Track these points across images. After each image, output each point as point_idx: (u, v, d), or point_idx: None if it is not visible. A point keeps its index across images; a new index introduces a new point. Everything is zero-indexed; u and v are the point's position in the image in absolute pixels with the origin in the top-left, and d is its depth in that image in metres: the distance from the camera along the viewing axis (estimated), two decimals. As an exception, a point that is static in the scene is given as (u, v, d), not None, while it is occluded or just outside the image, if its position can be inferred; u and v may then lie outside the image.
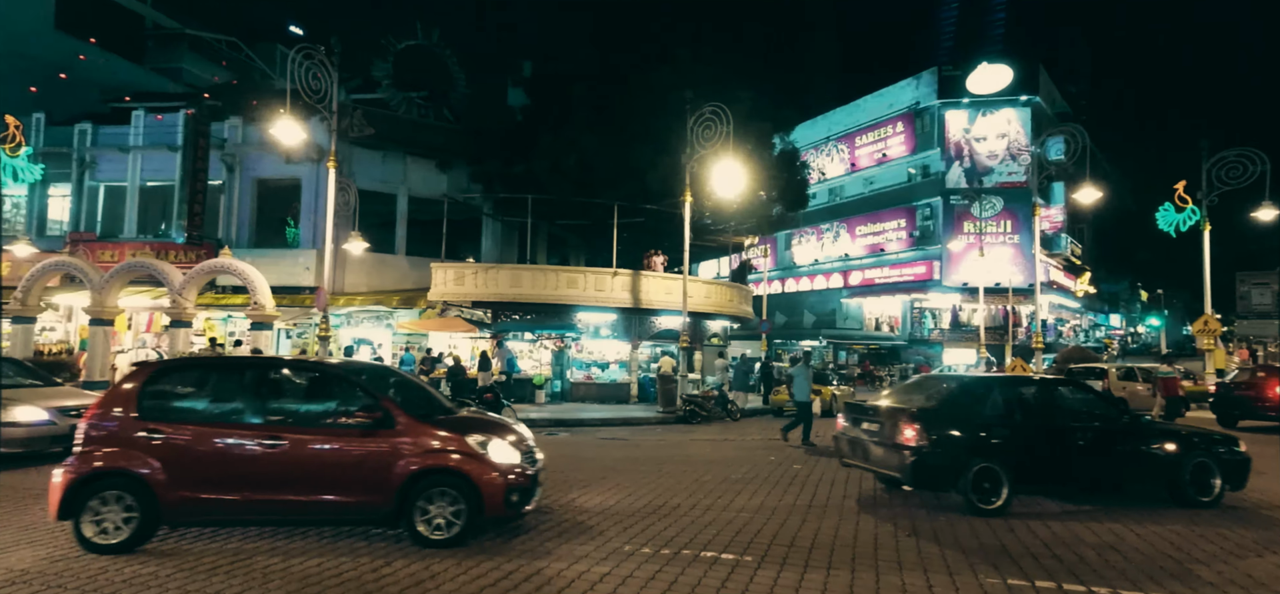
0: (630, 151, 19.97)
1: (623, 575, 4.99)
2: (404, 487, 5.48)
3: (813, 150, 43.60)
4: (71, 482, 5.32)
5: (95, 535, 5.32)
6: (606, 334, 21.14)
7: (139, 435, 5.48)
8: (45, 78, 27.27)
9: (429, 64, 25.02)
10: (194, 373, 6.57)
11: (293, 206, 22.16)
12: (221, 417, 5.80)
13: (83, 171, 22.74)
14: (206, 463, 5.49)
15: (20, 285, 17.94)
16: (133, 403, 5.62)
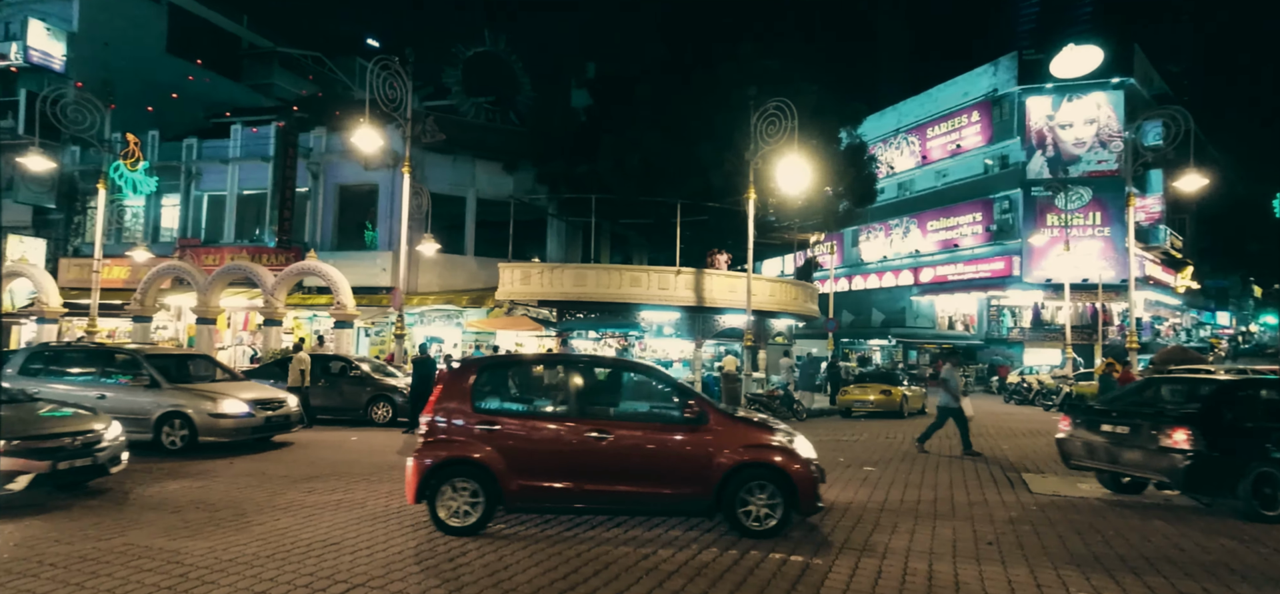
0: (693, 149, 19.88)
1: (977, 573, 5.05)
2: (723, 479, 5.70)
3: (881, 144, 42.15)
4: (425, 469, 5.70)
5: (448, 518, 5.72)
6: (670, 333, 21.14)
7: (478, 428, 5.83)
8: (159, 98, 29.66)
9: (496, 70, 25.72)
10: (515, 369, 6.94)
11: (371, 211, 23.27)
12: (549, 410, 6.14)
13: (190, 182, 24.61)
14: (542, 453, 5.80)
15: (139, 287, 19.62)
16: (468, 397, 5.94)
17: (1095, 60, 35.04)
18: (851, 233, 43.41)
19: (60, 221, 26.55)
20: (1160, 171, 34.24)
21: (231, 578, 4.67)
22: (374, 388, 13.87)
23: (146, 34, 32.39)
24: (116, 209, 25.00)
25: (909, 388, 19.52)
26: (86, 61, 29.15)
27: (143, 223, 25.42)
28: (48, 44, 28.61)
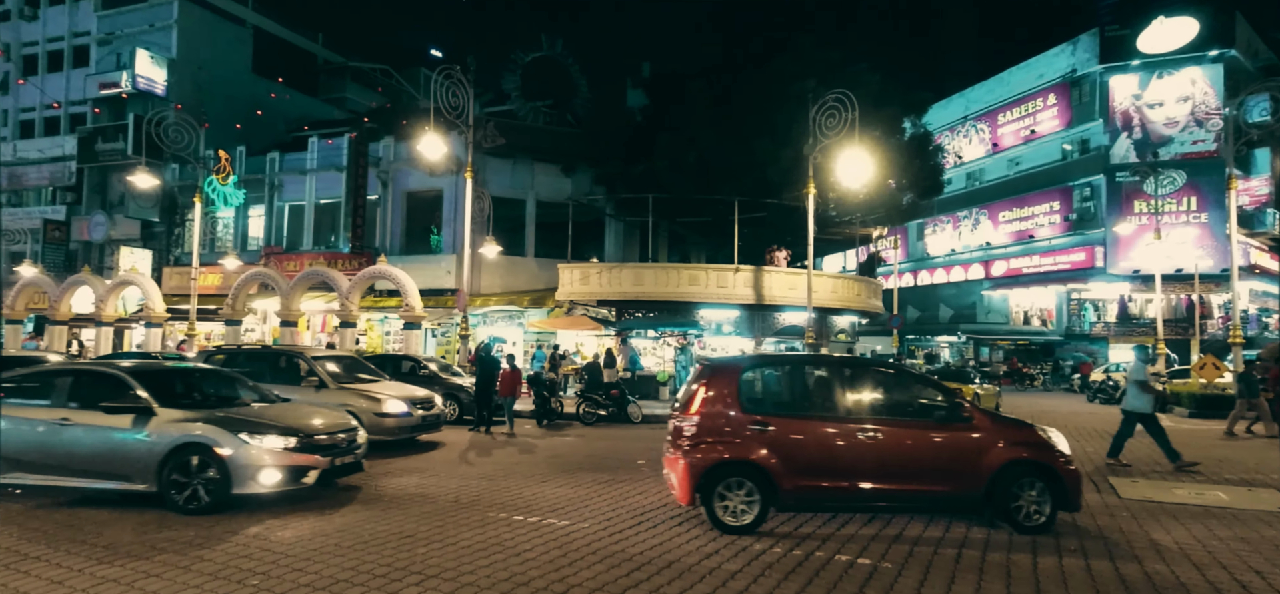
0: (750, 146, 19.69)
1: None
2: (994, 476, 5.82)
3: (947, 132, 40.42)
4: (701, 470, 5.82)
5: (725, 516, 5.83)
6: (729, 331, 21.01)
7: (750, 428, 5.93)
8: (245, 115, 31.86)
9: (553, 73, 26.23)
10: (776, 369, 7.05)
11: (436, 215, 24.18)
12: (817, 410, 6.19)
13: (272, 194, 26.28)
14: (814, 453, 5.90)
15: (230, 293, 21.09)
16: (735, 398, 6.04)
17: (1189, 32, 32.45)
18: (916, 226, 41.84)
19: (163, 233, 28.85)
20: (1267, 150, 31.38)
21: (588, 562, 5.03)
22: (443, 387, 14.42)
23: (235, 56, 34.80)
24: (210, 220, 26.95)
25: (981, 386, 18.70)
26: (184, 85, 31.57)
27: (232, 232, 27.32)
28: (152, 71, 31.12)
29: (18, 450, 6.41)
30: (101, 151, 30.33)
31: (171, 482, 6.17)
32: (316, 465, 6.51)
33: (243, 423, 6.43)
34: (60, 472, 6.41)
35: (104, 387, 6.65)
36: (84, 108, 32.79)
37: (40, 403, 6.65)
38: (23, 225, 31.95)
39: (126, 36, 32.39)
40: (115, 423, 6.34)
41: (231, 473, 6.13)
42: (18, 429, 6.50)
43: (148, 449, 6.24)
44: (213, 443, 6.18)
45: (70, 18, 34.24)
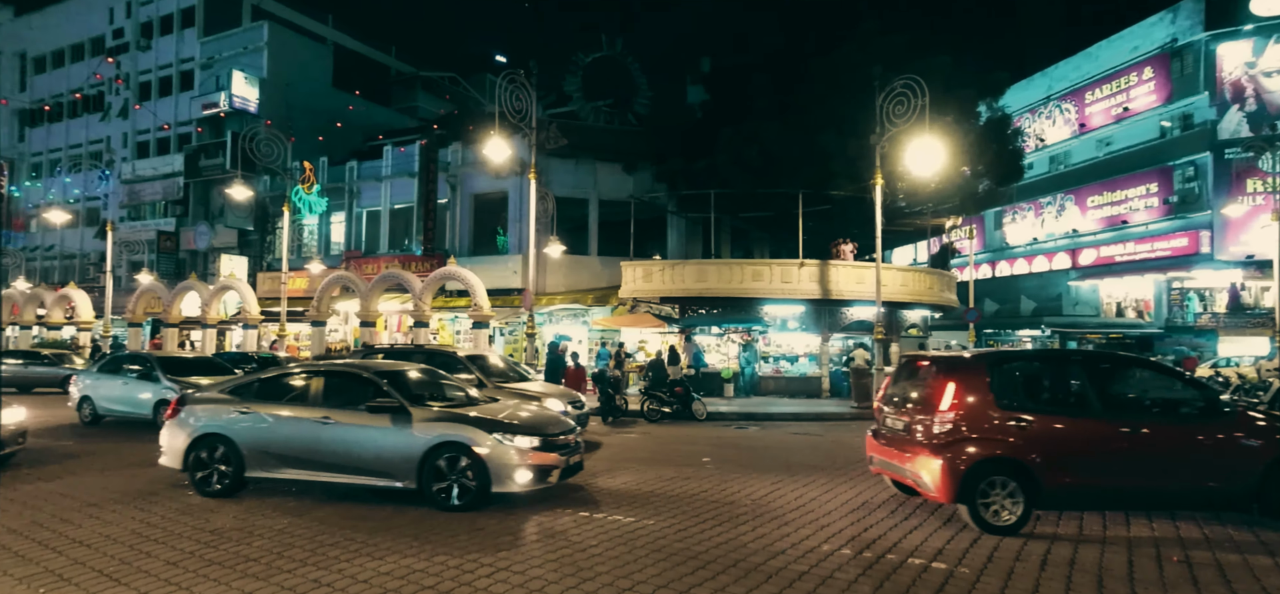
0: (814, 137, 19.25)
1: None
2: (1265, 471, 5.78)
3: (1028, 114, 38.11)
4: (963, 469, 5.75)
5: (989, 517, 5.79)
6: (794, 327, 20.64)
7: (1009, 426, 5.84)
8: (326, 127, 33.90)
9: (614, 73, 26.50)
10: (1027, 366, 7.00)
11: (502, 217, 24.93)
12: (1077, 406, 6.15)
13: (351, 200, 27.83)
14: (1077, 451, 5.83)
15: (315, 296, 22.50)
16: (989, 396, 5.96)
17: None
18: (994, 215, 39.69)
19: (257, 241, 31.09)
20: None
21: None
22: None
23: (317, 72, 37.05)
24: (297, 227, 28.81)
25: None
26: (273, 102, 33.88)
27: (317, 238, 29.11)
28: (246, 90, 33.56)
29: (285, 448, 6.81)
30: (204, 167, 32.98)
31: (432, 479, 6.40)
32: (557, 465, 6.65)
33: (493, 423, 6.58)
34: (324, 468, 6.71)
35: (356, 387, 7.00)
36: (189, 128, 35.72)
37: (297, 403, 7.01)
38: (140, 237, 35.15)
39: (224, 60, 35.05)
40: (375, 422, 6.60)
41: (490, 472, 6.30)
42: (283, 428, 6.86)
43: (408, 448, 6.47)
44: (471, 442, 6.36)
45: (177, 46, 37.37)
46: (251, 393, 7.24)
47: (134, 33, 38.89)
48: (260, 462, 6.85)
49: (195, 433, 7.00)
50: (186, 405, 7.26)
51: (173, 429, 7.16)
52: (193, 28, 37.03)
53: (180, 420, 7.16)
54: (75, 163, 40.45)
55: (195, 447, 6.97)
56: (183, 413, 7.20)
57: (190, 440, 6.99)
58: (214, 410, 7.09)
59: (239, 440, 6.87)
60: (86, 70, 40.40)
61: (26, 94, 43.32)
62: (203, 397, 7.44)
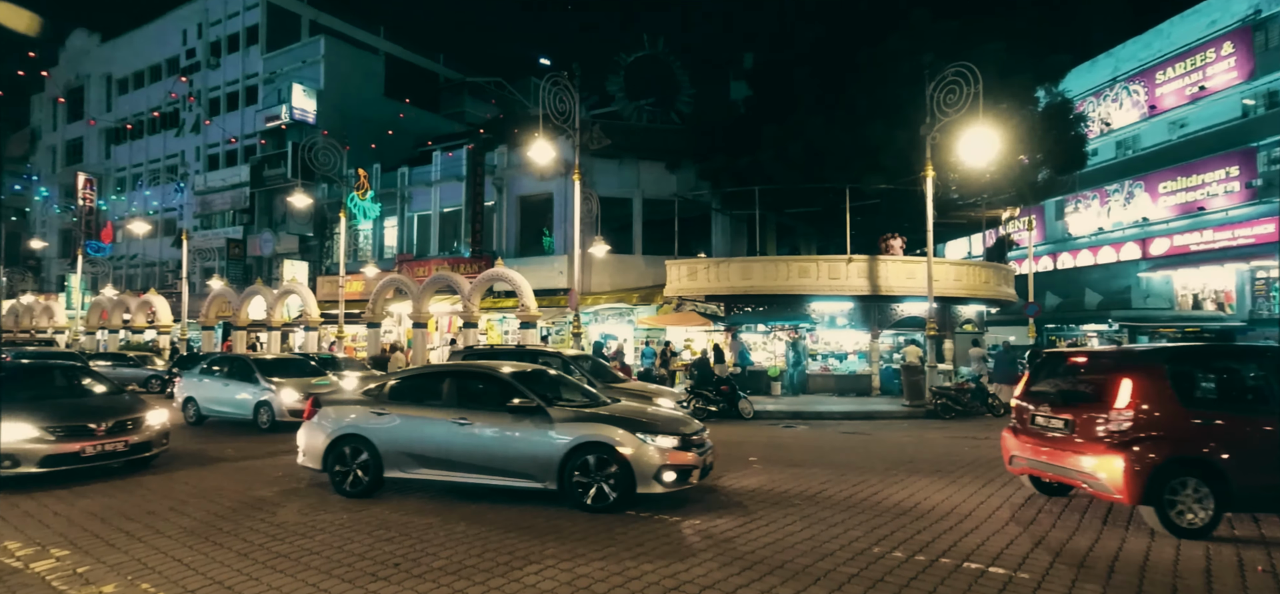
0: (860, 130, 18.84)
1: None
2: None
3: (1092, 98, 36.24)
4: (1150, 469, 5.54)
5: (1177, 519, 5.59)
6: (843, 323, 20.26)
7: (1194, 422, 5.71)
8: (378, 135, 35.18)
9: (656, 72, 26.55)
10: (1206, 361, 6.80)
11: (547, 218, 25.33)
12: (1262, 403, 5.97)
13: (403, 205, 28.78)
14: (1268, 448, 5.61)
15: (370, 299, 23.38)
16: (1170, 392, 5.80)
17: None
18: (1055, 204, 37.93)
19: (316, 246, 32.49)
20: None
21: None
22: None
23: (369, 82, 38.46)
24: (352, 233, 29.96)
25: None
26: (330, 112, 35.34)
27: (371, 243, 30.22)
28: (304, 102, 35.12)
29: (423, 449, 6.86)
30: (267, 177, 34.68)
31: (574, 480, 6.34)
32: (696, 465, 6.56)
33: (634, 422, 6.54)
34: (462, 469, 6.75)
35: (490, 388, 7.09)
36: (254, 140, 37.63)
37: (432, 405, 7.04)
38: (212, 245, 37.22)
39: (285, 74, 36.76)
40: (514, 423, 6.59)
41: (634, 473, 6.21)
42: (420, 430, 6.92)
43: (549, 448, 6.43)
44: (615, 442, 6.27)
45: (243, 62, 39.42)
46: (386, 395, 7.34)
47: (204, 52, 41.20)
48: (398, 462, 6.93)
49: (334, 434, 7.14)
50: (323, 407, 7.42)
51: (311, 430, 7.33)
52: (257, 45, 38.97)
53: (318, 422, 7.32)
54: (154, 176, 43.16)
55: (335, 447, 7.12)
56: (320, 415, 7.36)
57: (329, 441, 7.14)
58: (351, 412, 7.21)
59: (377, 441, 6.96)
60: (163, 90, 43.06)
61: (112, 114, 46.49)
62: (338, 399, 7.62)
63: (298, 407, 11.85)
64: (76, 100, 48.87)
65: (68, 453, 7.60)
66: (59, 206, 47.81)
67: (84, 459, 7.72)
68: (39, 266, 48.72)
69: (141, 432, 8.25)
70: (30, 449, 7.42)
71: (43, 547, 5.41)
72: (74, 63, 49.27)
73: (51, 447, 7.51)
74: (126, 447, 8.08)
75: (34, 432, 7.50)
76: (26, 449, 7.40)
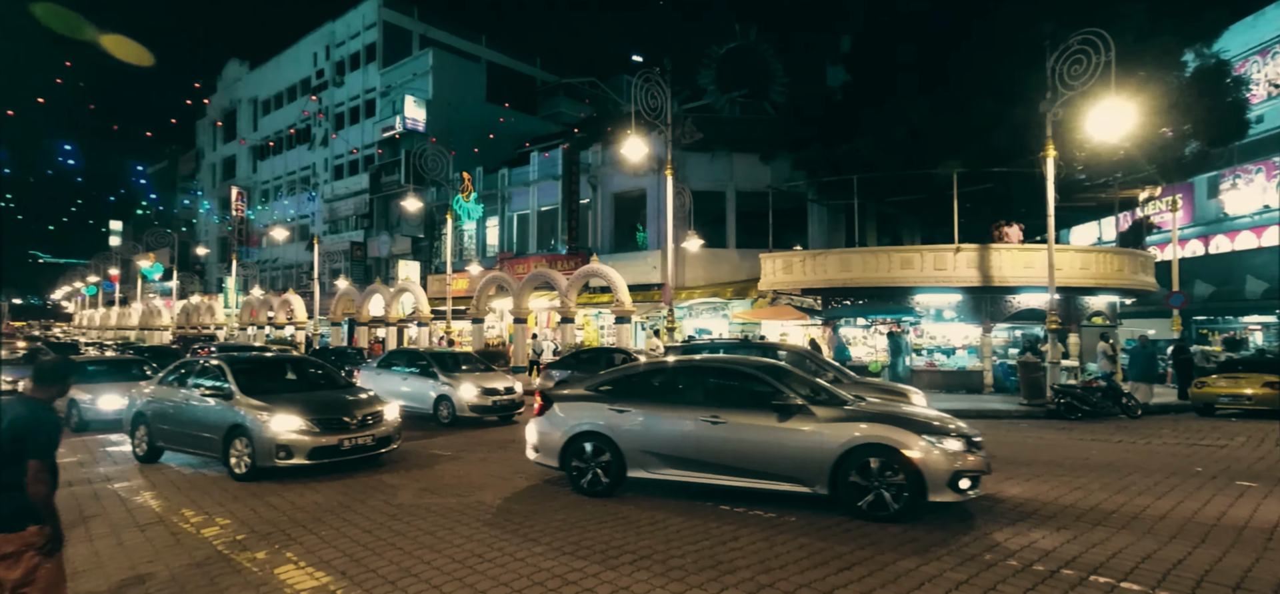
0: (970, 110, 17.60)
1: None
2: None
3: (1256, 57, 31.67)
4: None
5: None
6: (951, 316, 19.09)
7: None
8: (480, 139, 37.13)
9: (748, 62, 26.15)
10: None
11: (640, 214, 25.66)
12: None
13: (503, 206, 30.21)
14: None
15: (474, 295, 24.77)
16: None
17: None
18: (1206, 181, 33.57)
19: (426, 246, 34.82)
20: None
21: None
22: None
23: (472, 89, 40.61)
24: (458, 233, 31.83)
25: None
26: (437, 120, 37.68)
27: (475, 242, 31.95)
28: (416, 112, 37.68)
29: (671, 448, 6.56)
30: (384, 183, 37.54)
31: (849, 485, 5.87)
32: (982, 469, 5.90)
33: (919, 423, 6.02)
34: (714, 469, 6.39)
35: (741, 384, 6.69)
36: (372, 150, 40.85)
37: (678, 402, 6.73)
38: (338, 248, 40.86)
39: (398, 87, 39.61)
40: (778, 423, 6.17)
41: (925, 478, 5.66)
42: (667, 427, 6.60)
43: (819, 450, 5.97)
44: (900, 444, 5.75)
45: (363, 79, 42.89)
46: (621, 391, 7.06)
47: (331, 72, 45.20)
48: (642, 461, 6.66)
49: (570, 431, 6.97)
50: (556, 404, 7.23)
51: (544, 427, 7.18)
52: (374, 62, 42.23)
53: (551, 419, 7.15)
54: (291, 187, 48.03)
55: (572, 444, 6.95)
56: (552, 412, 7.19)
57: (566, 439, 6.97)
58: (586, 410, 7.01)
59: (619, 439, 6.73)
60: (298, 108, 47.75)
61: (258, 133, 52.18)
62: (571, 394, 7.37)
63: (478, 403, 12.32)
64: (230, 122, 55.25)
65: (330, 446, 7.79)
66: (217, 217, 54.29)
67: (342, 452, 7.90)
68: (203, 270, 55.60)
69: (384, 425, 8.42)
70: (301, 441, 7.65)
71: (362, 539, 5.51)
72: (228, 89, 55.72)
73: (316, 439, 7.72)
74: (373, 441, 8.19)
75: (302, 423, 7.73)
76: (299, 441, 7.64)
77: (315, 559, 5.07)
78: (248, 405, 7.95)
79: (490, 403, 12.53)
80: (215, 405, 8.24)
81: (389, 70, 41.08)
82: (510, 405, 12.95)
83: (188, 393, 8.73)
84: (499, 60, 45.63)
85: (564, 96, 44.79)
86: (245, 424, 7.78)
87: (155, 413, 8.97)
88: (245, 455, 7.77)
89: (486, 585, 4.54)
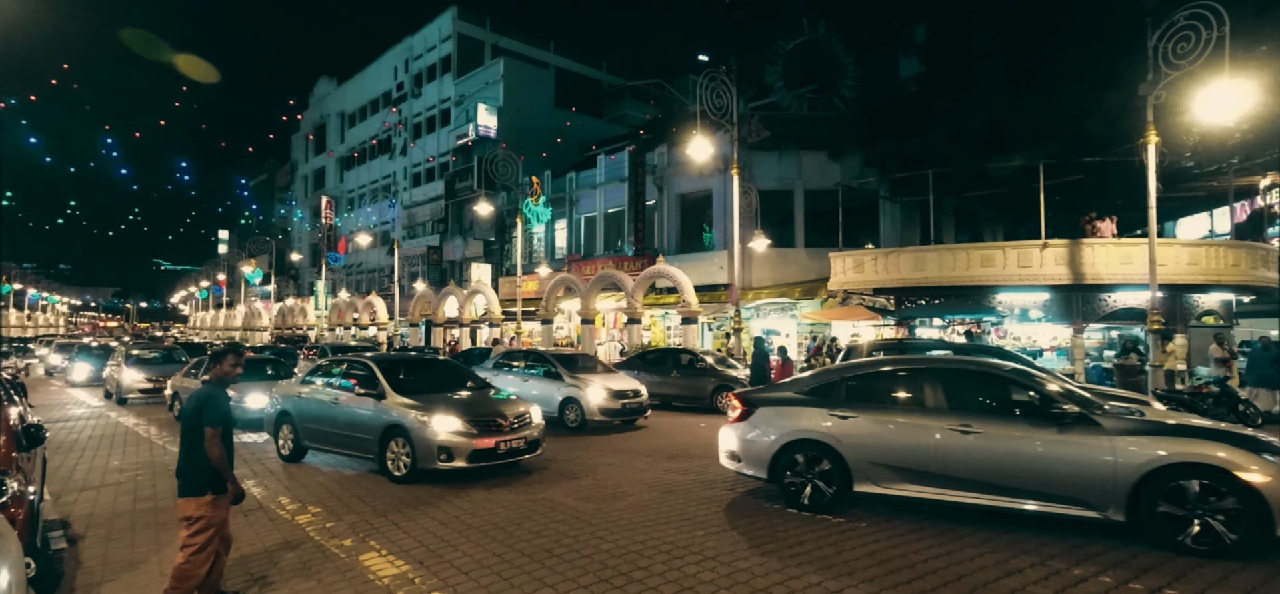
0: (1058, 97, 16.54)
1: None
2: None
3: (1404, 23, 28.04)
4: None
5: None
6: (1037, 316, 17.97)
7: None
8: (548, 143, 38.03)
9: (817, 56, 25.55)
10: None
11: (706, 214, 25.54)
12: None
13: (571, 208, 30.80)
14: None
15: (543, 297, 25.38)
16: None
17: None
18: (1347, 164, 29.97)
19: (496, 250, 35.98)
20: None
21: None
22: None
23: (541, 95, 41.65)
24: (527, 236, 32.70)
25: None
26: (507, 127, 38.88)
27: (543, 245, 32.73)
28: (488, 119, 39.05)
29: (908, 461, 5.83)
30: (458, 189, 39.07)
31: (1160, 512, 5.02)
32: None
33: (1237, 437, 5.18)
34: (962, 486, 5.63)
35: (991, 389, 5.96)
36: (447, 157, 42.61)
37: (912, 409, 6.00)
38: (415, 252, 42.86)
39: (472, 96, 41.15)
40: (1046, 432, 5.39)
41: (1273, 509, 4.76)
42: (903, 437, 5.88)
43: (1110, 467, 5.14)
44: (1231, 465, 4.86)
45: (439, 89, 44.84)
46: (839, 395, 6.37)
47: (410, 84, 47.51)
48: (871, 474, 5.98)
49: (783, 438, 6.34)
50: (760, 409, 6.64)
51: (747, 433, 6.59)
52: (449, 73, 44.06)
53: (757, 425, 6.55)
54: (373, 195, 50.82)
55: (784, 453, 6.33)
56: (758, 417, 6.59)
57: (778, 447, 6.35)
58: (802, 415, 6.34)
59: (845, 449, 6.06)
60: (379, 120, 50.48)
61: (344, 144, 55.54)
62: (777, 398, 6.72)
63: (608, 406, 11.57)
64: (320, 136, 59.06)
65: (487, 449, 7.54)
66: (309, 225, 58.13)
67: (498, 456, 7.65)
68: (297, 275, 59.69)
69: (532, 428, 8.14)
70: (461, 444, 7.41)
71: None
72: (319, 105, 59.61)
73: (473, 441, 7.46)
74: (525, 445, 7.95)
75: (460, 425, 7.49)
76: (458, 444, 7.40)
77: (571, 584, 4.59)
78: (402, 406, 7.72)
79: (619, 406, 11.74)
80: (370, 406, 8.01)
81: (463, 80, 42.72)
82: (638, 409, 12.15)
83: (335, 393, 8.56)
84: (566, 65, 46.57)
85: (630, 99, 45.21)
86: (404, 425, 7.55)
87: (301, 412, 8.83)
88: (403, 457, 7.54)
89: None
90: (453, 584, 4.62)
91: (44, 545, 5.13)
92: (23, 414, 6.20)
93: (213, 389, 4.18)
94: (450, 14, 43.93)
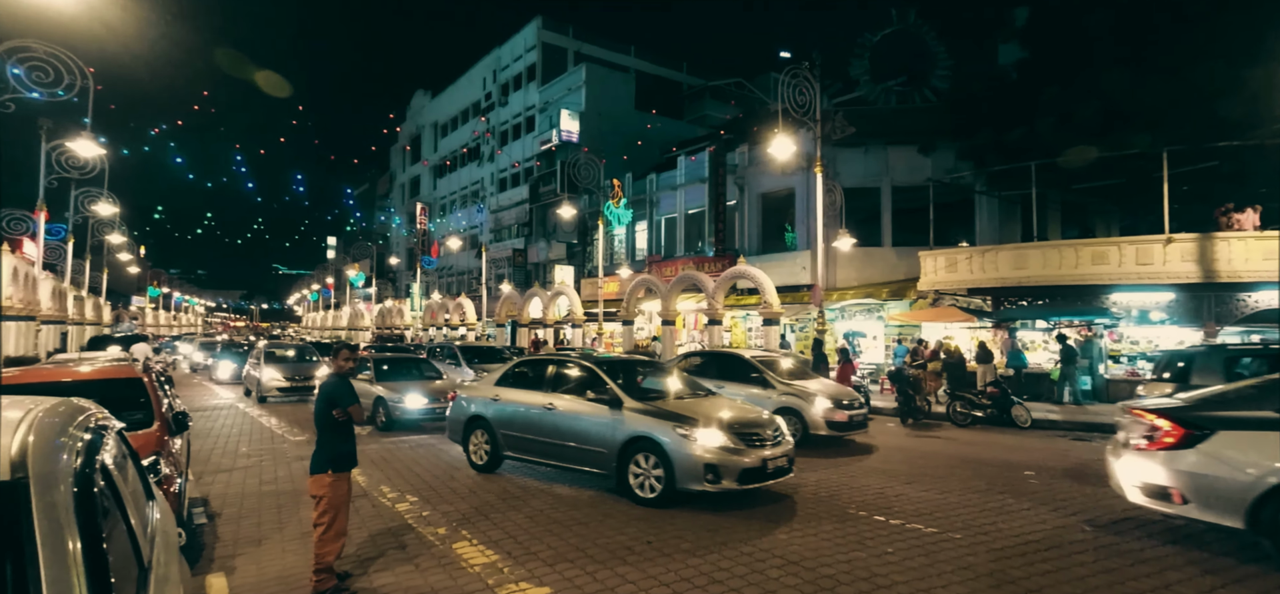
0: (1186, 75, 15.00)
1: None
2: None
3: None
4: None
5: None
6: (1159, 318, 16.38)
7: None
8: (629, 146, 38.53)
9: (906, 47, 24.45)
10: None
11: (789, 213, 25.02)
12: None
13: (651, 210, 31.05)
14: None
15: (624, 298, 25.74)
16: None
17: None
18: None
19: (579, 252, 36.81)
20: None
21: None
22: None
23: (621, 98, 42.27)
24: (609, 238, 33.23)
25: None
26: (589, 131, 39.73)
27: (624, 246, 33.16)
28: (570, 124, 40.08)
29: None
30: (541, 193, 40.31)
31: None
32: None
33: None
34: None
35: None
36: (531, 163, 44.07)
37: None
38: (501, 255, 44.60)
39: (555, 102, 42.38)
40: None
41: None
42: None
43: None
44: None
45: (524, 97, 46.49)
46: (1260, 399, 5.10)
47: (497, 94, 49.54)
48: None
49: (1269, 478, 4.71)
50: (1220, 432, 5.03)
51: (1197, 466, 5.01)
52: (534, 81, 45.56)
53: (1218, 456, 4.96)
54: (463, 201, 53.34)
55: (1270, 499, 4.68)
56: (1216, 445, 5.01)
57: (1265, 490, 4.71)
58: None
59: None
60: (469, 130, 52.95)
61: (437, 154, 58.71)
62: (1245, 419, 5.10)
63: (835, 418, 9.99)
64: (416, 146, 62.71)
65: (755, 468, 6.41)
66: (406, 230, 61.84)
67: (766, 474, 6.52)
68: (395, 278, 63.66)
69: (786, 442, 6.99)
70: (729, 462, 6.31)
71: None
72: (414, 117, 63.32)
73: (740, 459, 6.36)
74: (787, 462, 6.82)
75: (725, 440, 6.41)
76: (727, 462, 6.31)
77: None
78: (645, 415, 6.71)
79: (846, 418, 10.14)
80: (603, 415, 6.98)
81: (546, 87, 44.05)
82: (863, 421, 10.66)
83: (550, 398, 7.57)
84: (647, 68, 46.98)
85: (710, 99, 45.02)
86: (655, 439, 6.50)
87: (501, 417, 7.87)
88: (652, 475, 6.50)
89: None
90: None
91: (189, 518, 5.77)
92: (171, 404, 6.91)
93: (335, 377, 4.84)
94: (535, 24, 45.42)
